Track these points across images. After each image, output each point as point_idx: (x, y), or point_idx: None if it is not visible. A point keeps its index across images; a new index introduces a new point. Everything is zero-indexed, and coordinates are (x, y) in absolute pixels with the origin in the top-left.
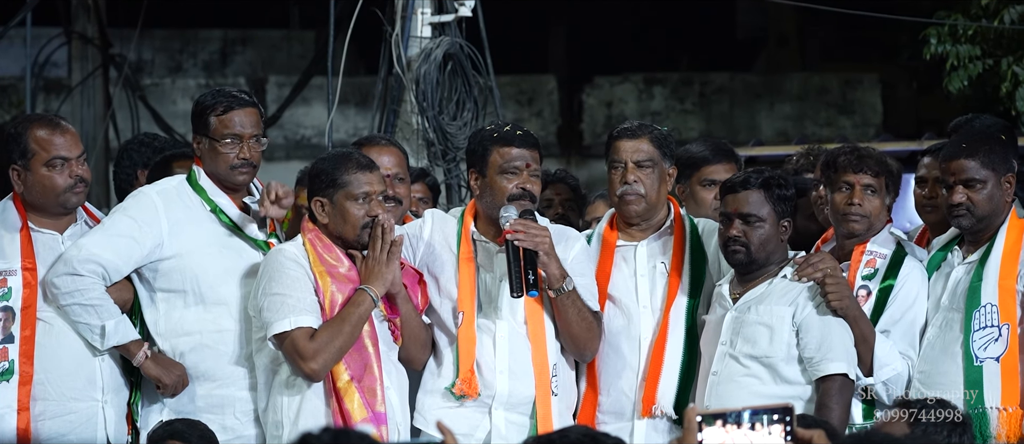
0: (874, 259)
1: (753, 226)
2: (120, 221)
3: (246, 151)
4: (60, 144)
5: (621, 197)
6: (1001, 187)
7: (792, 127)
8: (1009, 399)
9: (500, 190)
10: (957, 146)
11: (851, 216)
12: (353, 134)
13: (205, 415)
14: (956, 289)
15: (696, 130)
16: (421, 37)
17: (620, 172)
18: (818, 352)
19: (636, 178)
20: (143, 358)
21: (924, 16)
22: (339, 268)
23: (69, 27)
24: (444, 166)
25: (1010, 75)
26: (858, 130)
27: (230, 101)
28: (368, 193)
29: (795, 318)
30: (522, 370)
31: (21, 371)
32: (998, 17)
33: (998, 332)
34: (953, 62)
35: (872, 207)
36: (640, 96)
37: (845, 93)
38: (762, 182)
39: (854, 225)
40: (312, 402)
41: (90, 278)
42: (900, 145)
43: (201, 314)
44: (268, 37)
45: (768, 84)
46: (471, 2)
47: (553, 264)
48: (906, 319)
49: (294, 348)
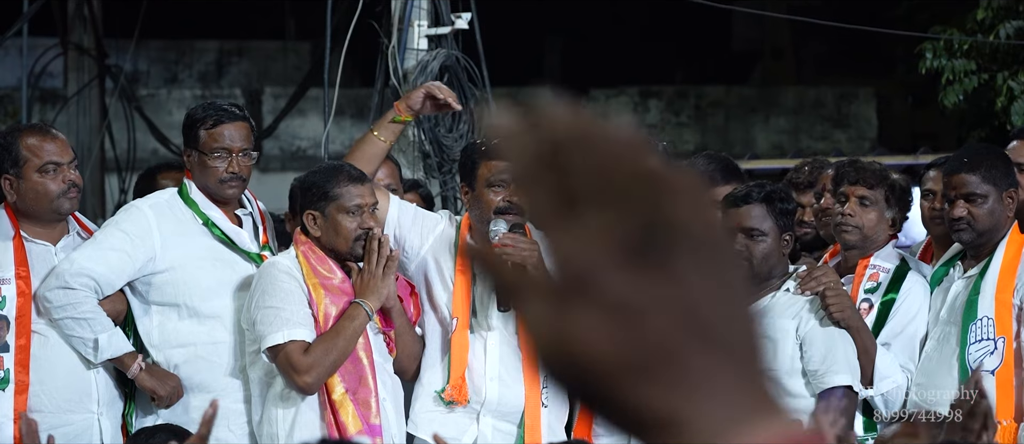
0: (877, 273)
1: (755, 240)
2: (112, 235)
3: (235, 165)
4: (51, 150)
5: None
6: (1002, 202)
7: (787, 140)
8: (1004, 412)
9: (487, 203)
10: (959, 160)
11: (842, 226)
12: (349, 146)
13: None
14: (954, 302)
15: (691, 143)
16: (417, 49)
17: None
18: (822, 365)
19: None
20: (137, 370)
21: (919, 30)
22: (333, 280)
23: (65, 38)
24: (440, 178)
25: (1005, 89)
26: (853, 144)
27: (220, 114)
28: (360, 205)
29: (798, 331)
30: (512, 379)
31: (17, 380)
32: (993, 32)
33: (994, 345)
34: (948, 76)
35: (866, 219)
36: (636, 109)
37: (840, 107)
38: (764, 196)
39: (845, 235)
40: (306, 415)
41: (82, 292)
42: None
43: (195, 326)
44: (264, 48)
45: (764, 97)
46: (468, 15)
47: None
48: (907, 333)
49: (288, 361)
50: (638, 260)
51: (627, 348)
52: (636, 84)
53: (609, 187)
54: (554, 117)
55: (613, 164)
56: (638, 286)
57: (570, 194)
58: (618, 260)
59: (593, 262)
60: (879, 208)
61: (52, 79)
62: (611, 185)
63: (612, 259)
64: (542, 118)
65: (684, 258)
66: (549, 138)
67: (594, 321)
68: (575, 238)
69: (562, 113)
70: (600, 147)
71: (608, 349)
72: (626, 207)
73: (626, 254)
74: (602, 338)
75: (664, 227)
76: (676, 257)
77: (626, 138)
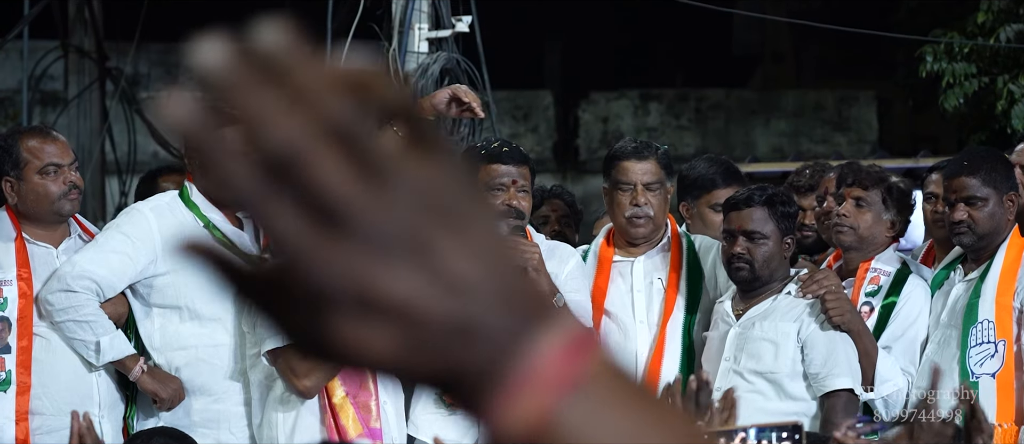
0: (878, 276)
1: (757, 243)
2: (114, 237)
3: None
4: (52, 152)
5: (630, 219)
6: (1003, 205)
7: (788, 144)
8: (1004, 415)
9: None
10: (959, 164)
11: (837, 227)
12: None
13: (200, 430)
14: (955, 306)
15: (692, 146)
16: (418, 52)
17: (630, 194)
18: (824, 368)
19: (646, 200)
20: (139, 373)
21: (920, 34)
22: None
23: (66, 40)
24: None
25: (1006, 93)
26: (853, 147)
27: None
28: None
29: (800, 334)
30: None
31: (19, 381)
32: (994, 35)
33: (994, 348)
34: (949, 80)
35: (862, 220)
36: (636, 112)
37: (841, 110)
38: (765, 199)
39: (840, 236)
40: (307, 419)
41: (84, 294)
42: (896, 162)
43: (196, 329)
44: None
45: (764, 101)
46: (468, 18)
47: (542, 280)
48: (908, 336)
49: (288, 365)
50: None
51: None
52: (636, 87)
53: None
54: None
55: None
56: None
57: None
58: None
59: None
60: (875, 210)
61: (52, 81)
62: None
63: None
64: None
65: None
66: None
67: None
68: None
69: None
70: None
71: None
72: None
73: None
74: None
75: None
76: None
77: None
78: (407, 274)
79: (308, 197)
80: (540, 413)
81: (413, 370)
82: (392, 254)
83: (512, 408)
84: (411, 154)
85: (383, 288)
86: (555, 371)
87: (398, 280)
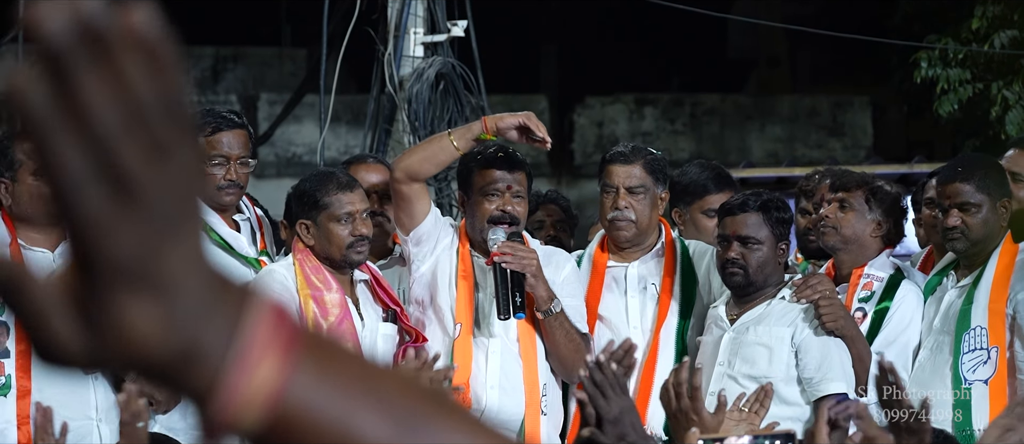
0: (871, 282)
1: (751, 249)
2: None
3: (232, 172)
4: None
5: (611, 222)
6: (996, 211)
7: (782, 149)
8: None
9: (482, 212)
10: (953, 170)
11: (821, 228)
12: (345, 152)
13: (197, 433)
14: (948, 312)
15: (686, 151)
16: (413, 56)
17: (612, 197)
18: (817, 372)
19: (627, 204)
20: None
21: (915, 40)
22: (325, 293)
23: None
24: (436, 185)
25: (1000, 99)
26: (848, 152)
27: (219, 122)
28: (351, 213)
29: (794, 339)
30: (512, 387)
31: (19, 385)
32: (988, 41)
33: (987, 355)
34: (943, 85)
35: (845, 221)
36: (631, 116)
37: (835, 115)
38: (760, 205)
39: (824, 237)
40: None
41: None
42: (890, 168)
43: None
44: (260, 54)
45: (759, 106)
46: (464, 22)
47: (540, 286)
48: (900, 341)
49: None
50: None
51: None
52: (631, 91)
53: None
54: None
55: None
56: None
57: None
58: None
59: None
60: (858, 210)
61: None
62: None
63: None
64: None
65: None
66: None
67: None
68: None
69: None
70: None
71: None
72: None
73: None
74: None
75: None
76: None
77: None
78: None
79: (108, 170)
80: (269, 395)
81: (158, 356)
82: (169, 232)
83: (236, 404)
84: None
85: (164, 262)
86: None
87: (172, 259)
